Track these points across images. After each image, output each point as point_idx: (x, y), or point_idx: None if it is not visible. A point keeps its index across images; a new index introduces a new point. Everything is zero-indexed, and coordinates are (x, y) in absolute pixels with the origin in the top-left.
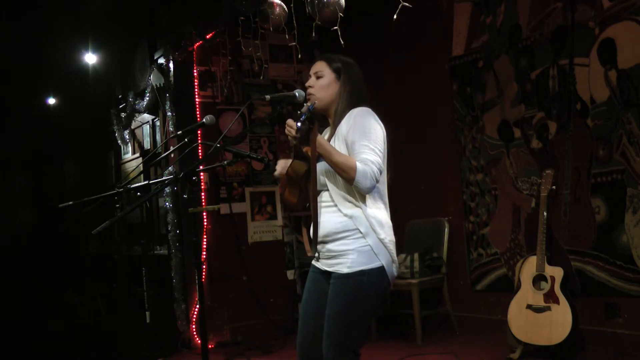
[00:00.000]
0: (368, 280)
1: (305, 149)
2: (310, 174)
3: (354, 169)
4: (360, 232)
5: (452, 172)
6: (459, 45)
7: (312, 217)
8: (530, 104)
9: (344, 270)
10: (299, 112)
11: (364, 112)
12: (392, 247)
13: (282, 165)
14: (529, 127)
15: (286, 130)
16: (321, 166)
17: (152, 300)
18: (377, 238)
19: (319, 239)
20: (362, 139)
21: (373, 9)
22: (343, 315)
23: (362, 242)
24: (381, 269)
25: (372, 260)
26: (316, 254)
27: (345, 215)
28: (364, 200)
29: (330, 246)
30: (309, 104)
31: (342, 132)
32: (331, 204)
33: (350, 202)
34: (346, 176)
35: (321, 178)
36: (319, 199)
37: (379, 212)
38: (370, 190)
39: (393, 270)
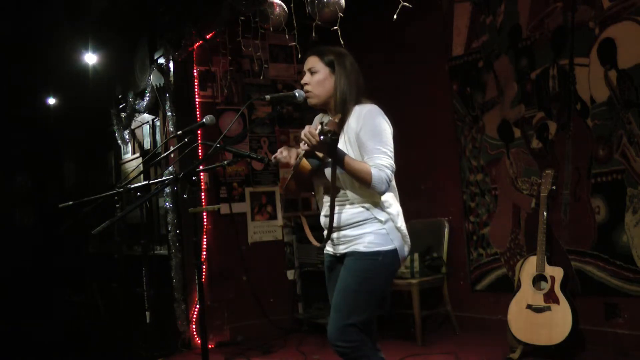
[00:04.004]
0: (382, 261)
1: (318, 152)
2: (319, 170)
3: (370, 176)
4: (377, 219)
5: (452, 172)
6: (459, 45)
7: (329, 212)
8: (530, 104)
9: (361, 249)
10: (325, 127)
11: (373, 112)
12: (406, 232)
13: (284, 154)
14: (529, 127)
15: (304, 138)
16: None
17: (152, 300)
18: (393, 225)
19: (335, 226)
20: (375, 143)
21: (373, 9)
22: (353, 291)
23: (379, 226)
24: (394, 251)
25: (387, 243)
26: (329, 241)
27: (363, 207)
28: (379, 196)
29: (346, 232)
30: (336, 119)
31: (352, 130)
32: (346, 200)
33: (365, 197)
34: (362, 182)
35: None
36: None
37: (393, 203)
38: (385, 192)
39: (405, 252)
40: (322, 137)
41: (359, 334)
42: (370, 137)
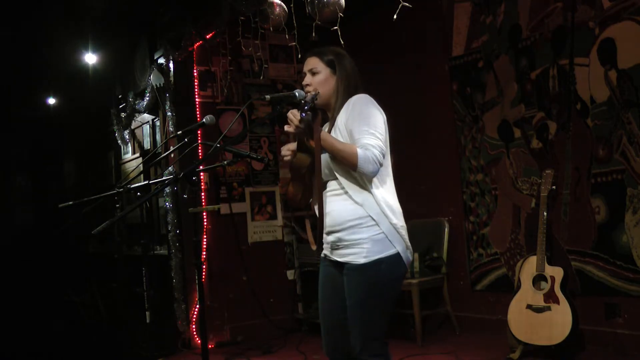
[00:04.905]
0: (386, 268)
1: (307, 139)
2: (314, 167)
3: (356, 155)
4: (373, 219)
5: (452, 172)
6: (459, 45)
7: (317, 207)
8: (530, 104)
9: (360, 260)
10: (302, 101)
11: (362, 99)
12: (405, 233)
13: (288, 148)
14: (529, 127)
15: (288, 120)
16: (326, 155)
17: (152, 300)
18: (389, 224)
19: (329, 229)
20: (362, 125)
21: (373, 9)
22: (365, 305)
23: (375, 230)
24: (397, 255)
25: (388, 248)
26: (323, 245)
27: (356, 202)
28: (373, 184)
29: (341, 235)
30: (313, 92)
31: (342, 120)
32: (340, 191)
33: (360, 186)
34: (348, 163)
35: (327, 167)
36: (326, 188)
37: (388, 195)
38: (375, 174)
39: (408, 255)
40: (303, 114)
41: (383, 347)
42: (357, 121)
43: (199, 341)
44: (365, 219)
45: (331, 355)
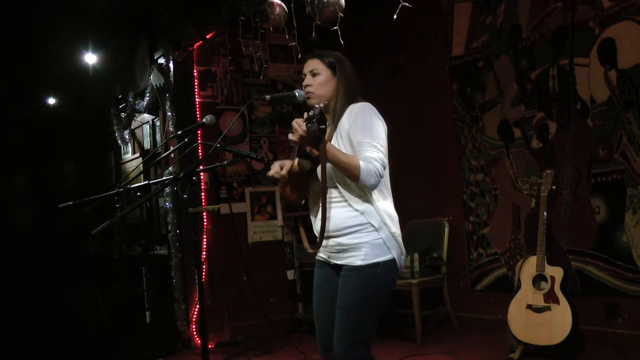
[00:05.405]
0: (381, 272)
1: (309, 148)
2: (313, 172)
3: (358, 168)
4: (373, 226)
5: (452, 172)
6: (459, 45)
7: (321, 211)
8: (530, 104)
9: (358, 262)
10: (310, 113)
11: (365, 108)
12: (401, 240)
13: (276, 169)
14: (529, 127)
15: (293, 129)
16: (329, 164)
17: (152, 300)
18: (389, 232)
19: (328, 233)
20: (365, 137)
21: (373, 9)
22: (356, 307)
23: (374, 235)
24: (393, 261)
25: (385, 253)
26: (322, 249)
27: (357, 210)
28: (373, 195)
29: (341, 240)
30: (321, 104)
31: (344, 128)
32: (341, 199)
33: (360, 197)
34: (350, 175)
35: (329, 176)
36: (327, 195)
37: (388, 205)
38: (375, 186)
39: (402, 262)
40: (308, 125)
41: (367, 351)
42: (360, 131)
43: (199, 341)
44: (365, 225)
45: (326, 355)
